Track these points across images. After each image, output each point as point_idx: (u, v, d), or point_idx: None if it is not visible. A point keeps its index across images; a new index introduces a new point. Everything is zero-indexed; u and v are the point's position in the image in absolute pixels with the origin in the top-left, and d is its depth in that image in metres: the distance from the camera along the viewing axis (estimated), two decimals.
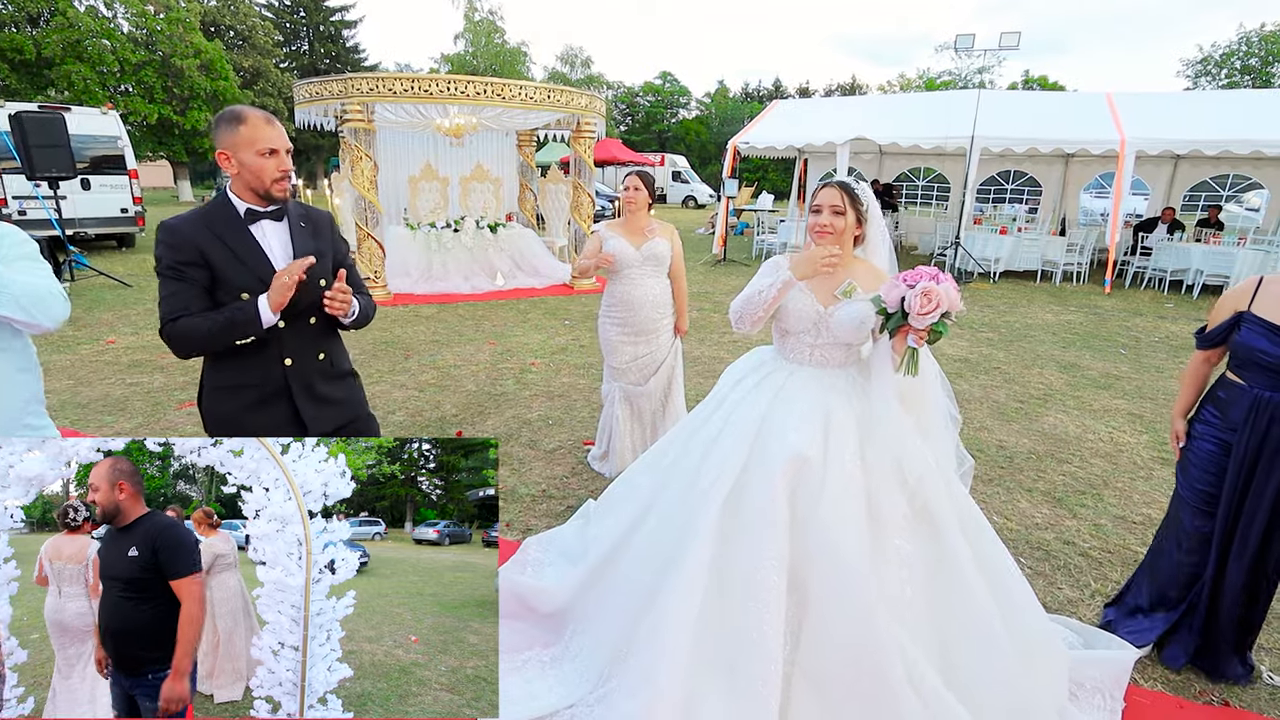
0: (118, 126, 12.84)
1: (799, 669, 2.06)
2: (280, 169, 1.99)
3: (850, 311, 2.21)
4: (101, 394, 5.43)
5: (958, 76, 40.69)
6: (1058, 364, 6.83)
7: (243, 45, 35.16)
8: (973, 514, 2.23)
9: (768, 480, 2.11)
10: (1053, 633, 2.29)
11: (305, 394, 2.15)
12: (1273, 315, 2.26)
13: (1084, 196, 16.75)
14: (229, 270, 1.99)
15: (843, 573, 2.02)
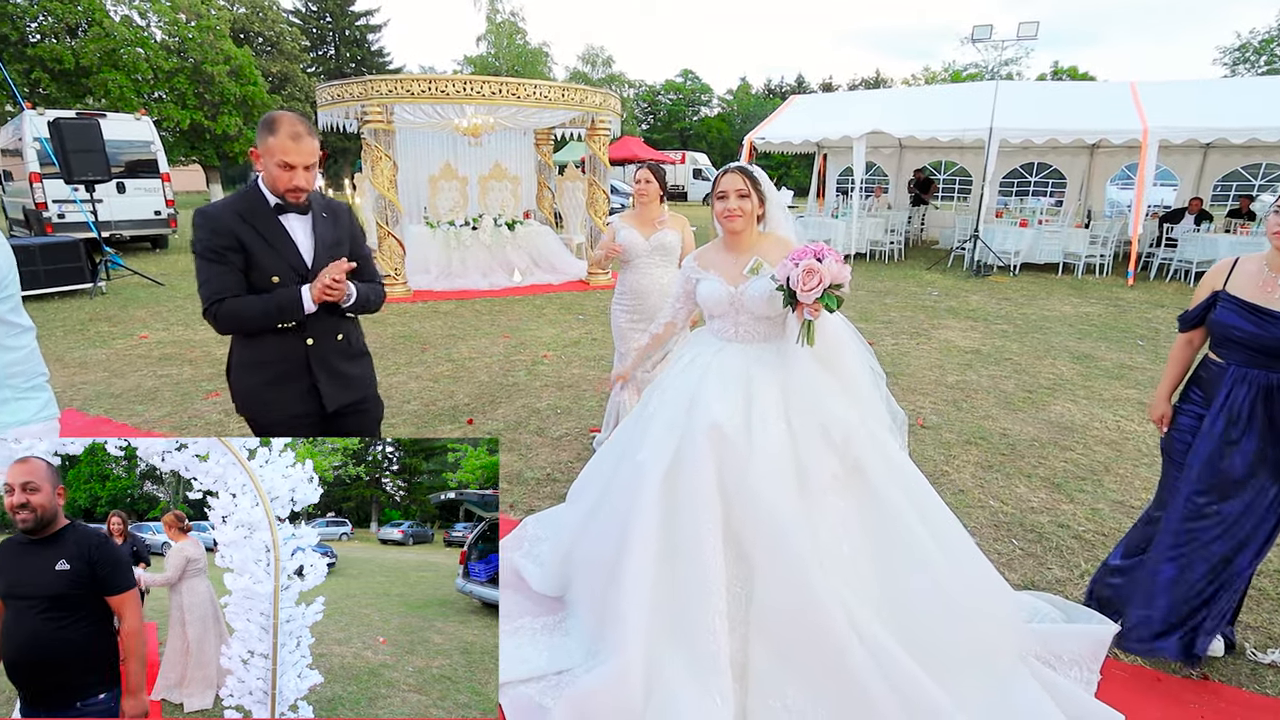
0: (151, 132, 13.29)
1: (754, 628, 2.16)
2: (292, 183, 2.13)
3: (759, 287, 2.33)
4: (134, 385, 5.69)
5: (983, 69, 40.06)
6: (1071, 355, 6.78)
7: (271, 51, 35.97)
8: (907, 469, 2.31)
9: (695, 454, 2.22)
10: (996, 576, 2.34)
11: (324, 371, 2.33)
12: (1245, 293, 2.30)
13: (1110, 188, 16.45)
14: (263, 256, 2.18)
15: (776, 534, 2.12)
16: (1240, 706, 2.31)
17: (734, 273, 2.41)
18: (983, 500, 3.77)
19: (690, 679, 2.08)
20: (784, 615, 2.10)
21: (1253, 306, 2.27)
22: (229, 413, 5.07)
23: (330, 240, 2.31)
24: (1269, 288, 2.27)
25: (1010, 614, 2.29)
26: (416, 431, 4.74)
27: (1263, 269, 2.32)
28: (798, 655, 2.09)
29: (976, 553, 2.29)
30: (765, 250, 2.41)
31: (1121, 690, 2.36)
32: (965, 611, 2.13)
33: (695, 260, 2.58)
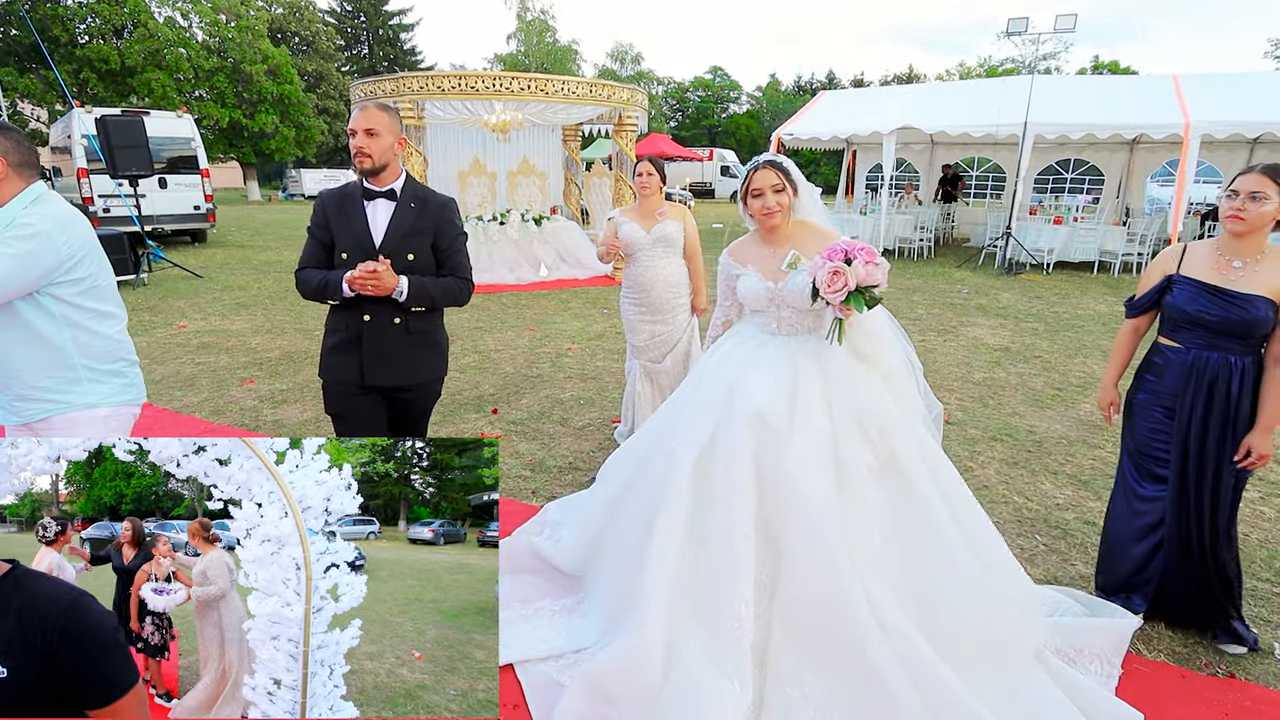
0: (191, 129, 13.69)
1: (776, 615, 2.17)
2: (355, 146, 2.38)
3: (799, 281, 2.31)
4: (173, 372, 5.88)
5: (1020, 64, 39.21)
6: (1103, 354, 6.64)
7: (307, 50, 36.69)
8: (939, 462, 2.30)
9: (733, 441, 2.23)
10: (1021, 573, 2.33)
11: (373, 348, 2.46)
12: (1201, 274, 2.36)
13: (1150, 185, 15.99)
14: (339, 233, 2.46)
15: (808, 524, 2.12)
16: (1267, 705, 2.26)
17: (771, 267, 2.39)
18: (1006, 496, 3.73)
19: (710, 662, 2.10)
20: (809, 604, 2.11)
21: (1213, 288, 2.33)
22: (263, 399, 5.22)
23: (406, 229, 2.45)
24: (1225, 270, 2.34)
25: (1031, 612, 2.27)
26: (443, 420, 4.83)
27: (1215, 252, 2.39)
28: (819, 644, 2.10)
29: (1003, 549, 2.27)
30: (802, 242, 2.38)
31: (1144, 686, 2.33)
32: (987, 607, 2.13)
33: (730, 256, 2.54)
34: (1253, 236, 2.32)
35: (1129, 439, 2.64)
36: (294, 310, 8.23)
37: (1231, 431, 2.37)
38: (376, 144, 2.37)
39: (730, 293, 2.61)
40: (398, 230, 2.44)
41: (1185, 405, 2.42)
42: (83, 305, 2.11)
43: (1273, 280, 2.29)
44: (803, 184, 2.43)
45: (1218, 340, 2.36)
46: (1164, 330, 2.53)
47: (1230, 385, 2.35)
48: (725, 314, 2.70)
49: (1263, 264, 2.32)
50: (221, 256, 13.14)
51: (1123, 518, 2.65)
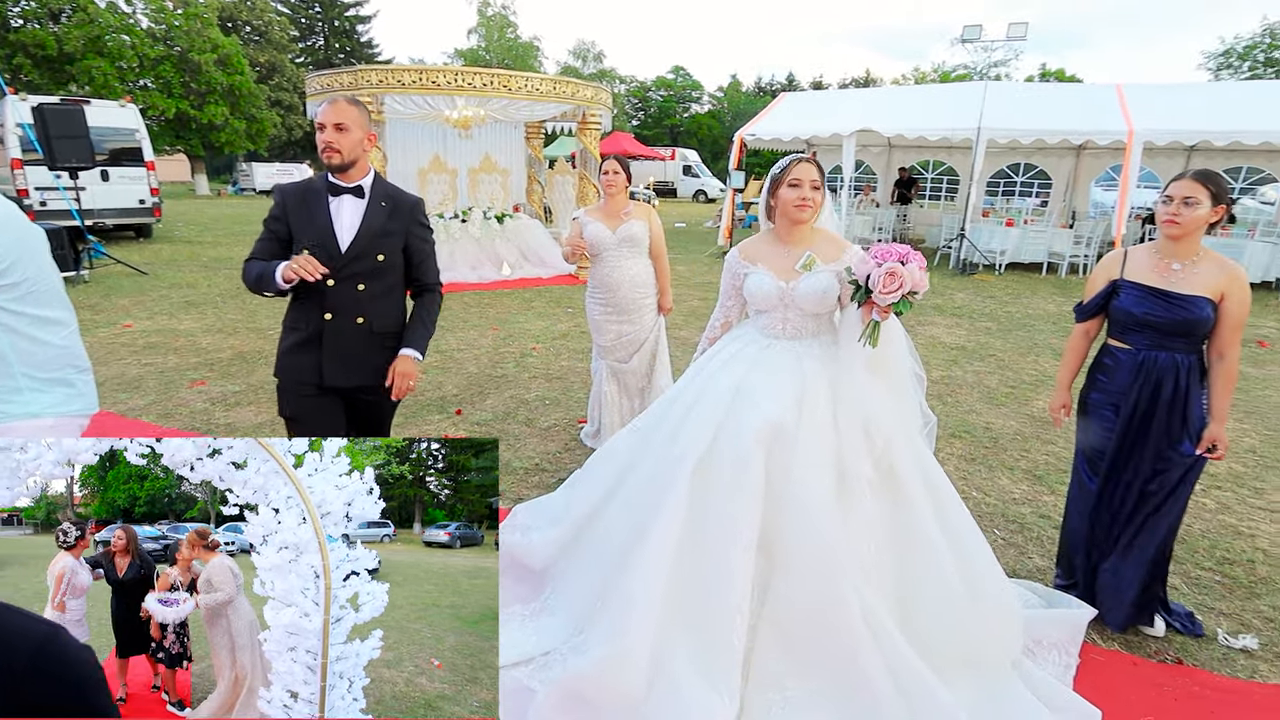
0: (136, 119, 13.13)
1: (765, 620, 2.17)
2: (322, 141, 2.31)
3: (813, 283, 2.31)
4: (117, 373, 5.63)
5: (973, 70, 40.33)
6: (1054, 351, 6.88)
7: (259, 40, 35.57)
8: (935, 473, 2.32)
9: (742, 446, 2.20)
10: (1007, 588, 2.39)
11: (334, 348, 2.39)
12: (1144, 278, 2.47)
13: (1095, 189, 16.62)
14: (300, 229, 2.36)
15: (810, 532, 2.12)
16: (1211, 689, 2.37)
17: (785, 267, 2.36)
18: (966, 492, 3.82)
19: (698, 673, 2.08)
20: (801, 611, 2.11)
21: (1157, 291, 2.44)
22: (214, 401, 5.04)
23: (378, 229, 2.39)
24: (1165, 273, 2.45)
25: (1013, 626, 2.31)
26: (405, 421, 4.73)
27: (1155, 256, 2.49)
28: (809, 650, 2.10)
29: (991, 563, 2.30)
30: (819, 246, 2.36)
31: (1100, 674, 2.42)
32: (972, 621, 2.17)
33: (740, 254, 2.49)
34: (1188, 239, 2.42)
35: (1083, 437, 2.73)
36: (246, 309, 7.97)
37: (1179, 424, 2.47)
38: (346, 139, 2.30)
39: (734, 292, 2.54)
40: (370, 230, 2.37)
41: (1131, 401, 2.51)
42: (21, 311, 1.94)
43: (1210, 280, 2.40)
44: (825, 195, 2.43)
45: (1165, 341, 2.46)
46: (1113, 333, 2.62)
47: (1177, 382, 2.45)
48: (725, 314, 2.61)
49: (1199, 265, 2.43)
50: (168, 253, 12.65)
51: (1078, 513, 2.74)
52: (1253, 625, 2.71)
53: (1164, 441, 2.50)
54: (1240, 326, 2.42)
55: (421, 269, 2.55)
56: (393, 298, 2.49)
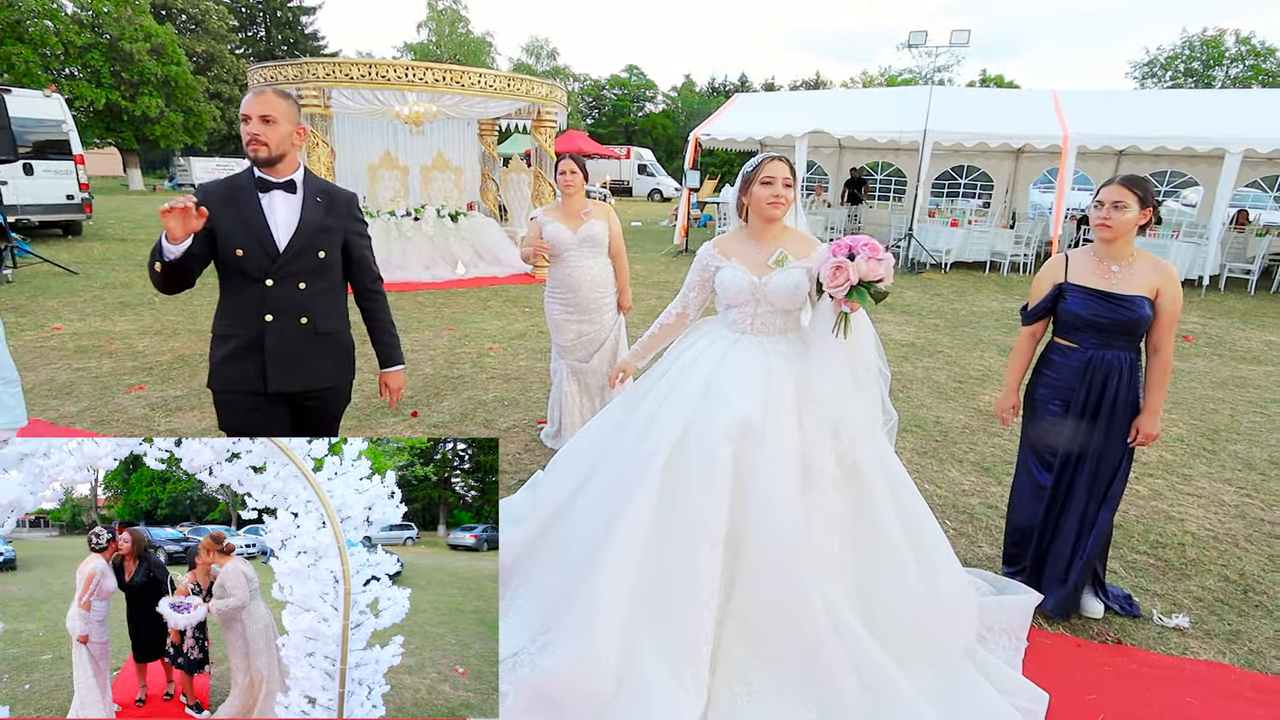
0: (62, 110, 12.43)
1: (730, 615, 2.20)
2: (248, 133, 2.16)
3: (784, 279, 2.34)
4: (47, 378, 5.34)
5: (917, 74, 41.52)
6: (998, 347, 7.14)
7: (196, 30, 34.16)
8: (897, 470, 2.39)
9: (711, 443, 2.21)
10: (963, 579, 2.47)
11: (277, 352, 2.26)
12: (1088, 281, 2.59)
13: (1033, 191, 17.32)
14: (230, 229, 2.19)
15: (775, 528, 2.15)
16: (1149, 666, 2.50)
17: (758, 262, 2.39)
18: (918, 484, 3.88)
19: (666, 668, 2.09)
20: (766, 606, 2.13)
21: (1101, 293, 2.55)
22: (154, 406, 4.82)
23: (317, 225, 2.28)
24: (1107, 275, 2.57)
25: (968, 614, 2.39)
26: (358, 425, 4.61)
27: (1094, 259, 2.62)
28: (772, 644, 2.13)
29: (948, 557, 2.37)
30: (790, 243, 2.40)
31: (1047, 656, 2.53)
32: (930, 611, 2.23)
33: (715, 248, 2.51)
34: (1121, 242, 2.55)
35: (1030, 431, 2.83)
36: (187, 309, 7.64)
37: (1123, 417, 2.61)
38: (273, 132, 2.18)
39: (700, 284, 2.56)
40: (309, 226, 2.27)
41: (1079, 397, 2.63)
42: None
43: (1146, 279, 2.54)
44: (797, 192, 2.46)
45: (1110, 339, 2.58)
46: (1059, 332, 2.73)
47: (1120, 378, 2.58)
48: (684, 304, 2.63)
49: (1135, 265, 2.56)
50: (100, 251, 12.03)
51: (1026, 504, 2.85)
52: (1184, 605, 2.87)
53: (1110, 434, 2.62)
54: (1174, 321, 2.56)
55: (362, 267, 2.48)
56: (334, 296, 2.41)
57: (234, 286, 2.26)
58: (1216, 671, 2.49)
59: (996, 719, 2.14)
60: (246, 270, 2.21)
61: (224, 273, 2.27)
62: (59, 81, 23.64)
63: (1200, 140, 10.86)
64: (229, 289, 2.28)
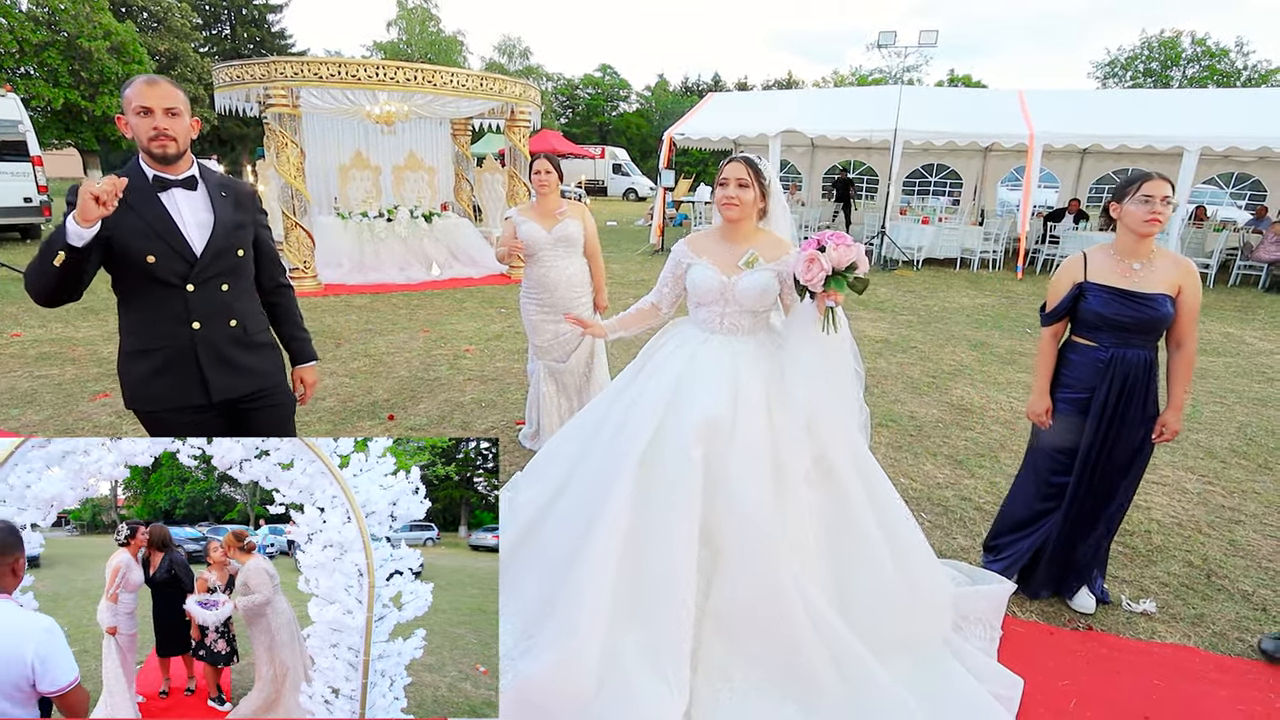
0: (18, 110, 12.08)
1: (709, 613, 2.21)
2: (153, 127, 1.97)
3: (753, 280, 2.36)
4: (7, 387, 5.18)
5: (887, 74, 42.08)
6: (969, 343, 7.27)
7: (158, 28, 33.34)
8: (870, 467, 2.42)
9: (682, 443, 2.23)
10: (937, 570, 2.51)
11: (213, 359, 2.14)
12: (1109, 280, 2.57)
13: (1001, 189, 17.68)
14: (132, 237, 1.98)
15: (749, 526, 2.17)
16: (1117, 651, 2.57)
17: (728, 262, 2.40)
18: (894, 478, 3.97)
19: (648, 666, 2.10)
20: (744, 603, 2.15)
21: (1124, 292, 2.54)
22: (121, 414, 4.71)
23: (231, 222, 2.15)
24: (1128, 273, 2.56)
25: (944, 605, 2.43)
26: (334, 429, 4.55)
27: (1113, 258, 2.59)
28: (752, 641, 2.15)
29: (922, 544, 2.41)
30: (762, 245, 2.40)
31: (1021, 644, 2.58)
32: (906, 602, 2.27)
33: (688, 245, 2.52)
34: (1148, 239, 2.52)
35: (1043, 431, 2.80)
36: None
37: (1140, 414, 2.61)
38: (179, 125, 2.01)
39: (673, 279, 2.58)
40: (224, 223, 2.12)
41: (1099, 396, 2.61)
42: None
43: (1168, 276, 2.51)
44: (777, 196, 2.45)
45: (1130, 338, 2.56)
46: (1078, 331, 2.70)
47: (1139, 376, 2.58)
48: (658, 297, 2.65)
49: (1156, 263, 2.53)
50: None
51: (1027, 501, 2.86)
52: (1150, 590, 2.95)
53: (1127, 433, 2.61)
54: (1195, 316, 2.55)
55: (272, 260, 2.38)
56: (254, 295, 2.32)
57: (146, 295, 2.06)
58: (1182, 654, 2.56)
59: (974, 706, 2.19)
60: (160, 277, 2.04)
61: (129, 281, 2.06)
62: (14, 80, 22.93)
63: (1160, 139, 11.17)
64: (139, 299, 2.08)
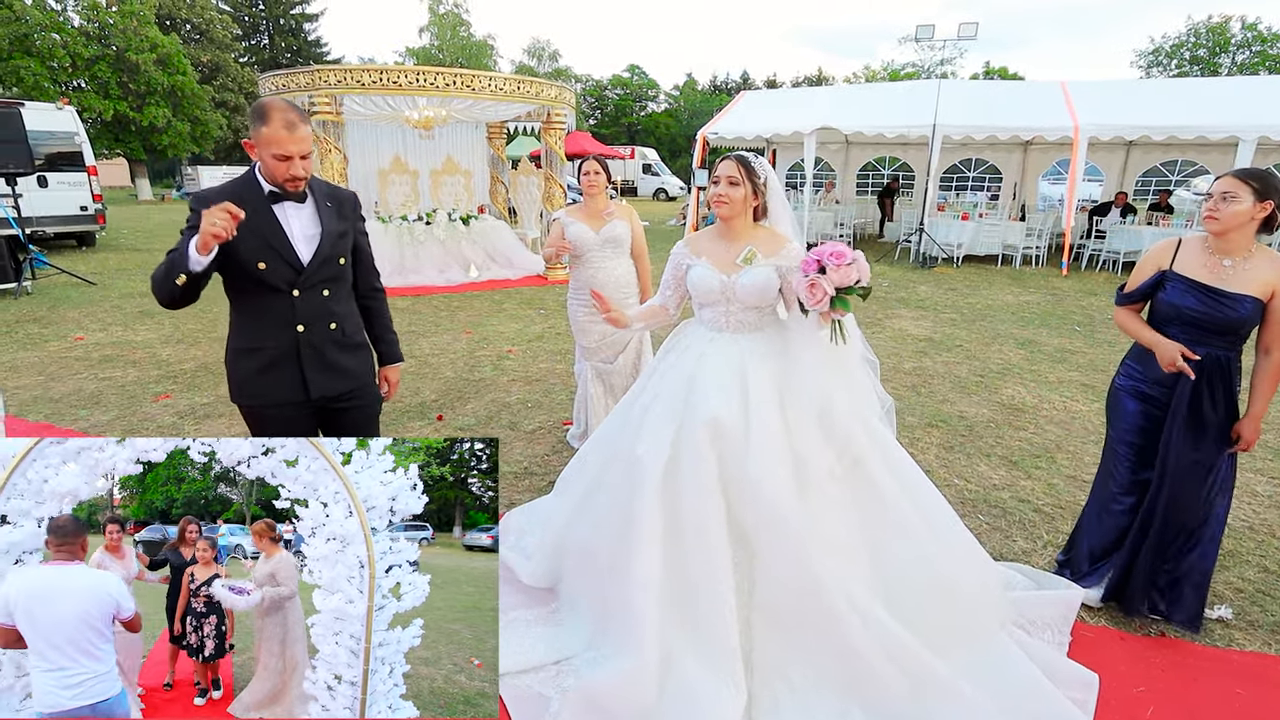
0: (75, 122, 12.55)
1: (757, 612, 2.21)
2: (290, 174, 2.12)
3: (753, 276, 2.34)
4: (74, 389, 5.39)
5: (920, 68, 41.43)
6: (1016, 341, 7.12)
7: (200, 39, 34.37)
8: (897, 454, 2.38)
9: (696, 444, 2.24)
10: (982, 555, 2.45)
11: (314, 359, 2.28)
12: (1193, 273, 2.45)
13: (1042, 183, 17.23)
14: (247, 247, 2.11)
15: (778, 522, 2.17)
16: (1193, 657, 2.49)
17: (726, 260, 2.40)
18: (948, 479, 3.94)
19: (706, 670, 2.11)
20: (788, 600, 2.15)
21: (1205, 287, 2.41)
22: (183, 414, 4.86)
23: (336, 232, 2.29)
24: (1215, 269, 2.43)
25: (994, 586, 2.40)
26: (385, 430, 4.64)
27: (1206, 251, 2.47)
28: (802, 638, 2.14)
29: (962, 530, 2.38)
30: (759, 241, 2.40)
31: (1092, 649, 2.52)
32: (955, 589, 2.23)
33: (687, 246, 2.54)
34: (1236, 235, 2.37)
35: (1112, 426, 2.73)
36: (206, 317, 7.70)
37: (1213, 421, 2.46)
38: (309, 164, 2.17)
39: (674, 281, 2.60)
40: (331, 236, 2.26)
41: (1171, 396, 2.49)
42: None
43: (1261, 278, 2.36)
44: (775, 193, 2.44)
45: (1206, 337, 2.42)
46: (1152, 322, 2.58)
47: (1213, 379, 2.44)
48: (662, 299, 2.67)
49: (1251, 262, 2.38)
50: (115, 261, 12.13)
51: (1102, 502, 2.78)
52: (1225, 596, 2.86)
53: (1202, 439, 2.48)
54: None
55: (368, 266, 2.50)
56: (351, 299, 2.46)
57: (256, 299, 2.21)
58: (1264, 662, 2.48)
59: (1038, 692, 2.14)
60: (270, 283, 2.18)
61: (241, 285, 2.21)
62: (67, 93, 23.83)
63: (1213, 128, 10.80)
64: (249, 301, 2.23)
